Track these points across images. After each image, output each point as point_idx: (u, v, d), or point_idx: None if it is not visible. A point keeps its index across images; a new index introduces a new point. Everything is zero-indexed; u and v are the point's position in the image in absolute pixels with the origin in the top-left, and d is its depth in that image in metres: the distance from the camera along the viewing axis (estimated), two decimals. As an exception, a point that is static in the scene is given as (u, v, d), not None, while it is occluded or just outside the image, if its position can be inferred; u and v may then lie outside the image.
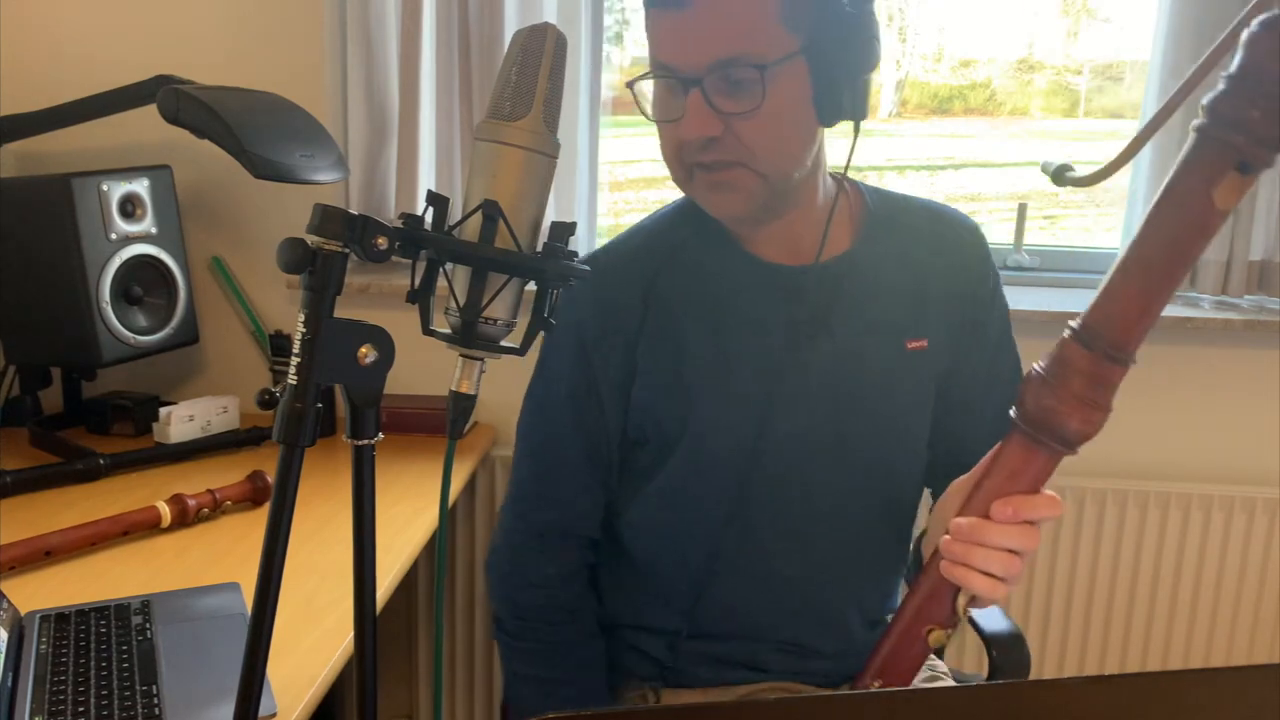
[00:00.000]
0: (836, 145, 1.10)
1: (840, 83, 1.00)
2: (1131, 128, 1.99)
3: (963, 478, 0.93)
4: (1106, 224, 2.29)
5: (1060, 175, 0.84)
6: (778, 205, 1.07)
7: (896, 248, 1.14)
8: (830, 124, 1.04)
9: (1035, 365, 0.85)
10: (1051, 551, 1.98)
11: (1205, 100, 0.77)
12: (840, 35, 0.99)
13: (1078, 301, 1.91)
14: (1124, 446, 1.98)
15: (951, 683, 1.30)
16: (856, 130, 1.06)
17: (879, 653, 0.95)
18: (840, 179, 1.14)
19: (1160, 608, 1.99)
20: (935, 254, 1.14)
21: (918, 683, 1.26)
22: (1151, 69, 1.87)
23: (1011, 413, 0.86)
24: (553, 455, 1.17)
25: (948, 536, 0.88)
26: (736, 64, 0.96)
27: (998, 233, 2.18)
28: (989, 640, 1.35)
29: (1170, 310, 1.89)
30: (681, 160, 1.03)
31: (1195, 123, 0.78)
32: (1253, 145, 0.75)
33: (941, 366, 1.14)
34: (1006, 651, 1.34)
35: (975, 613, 1.32)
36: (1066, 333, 0.83)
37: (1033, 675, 2.04)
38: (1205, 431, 1.97)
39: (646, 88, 1.03)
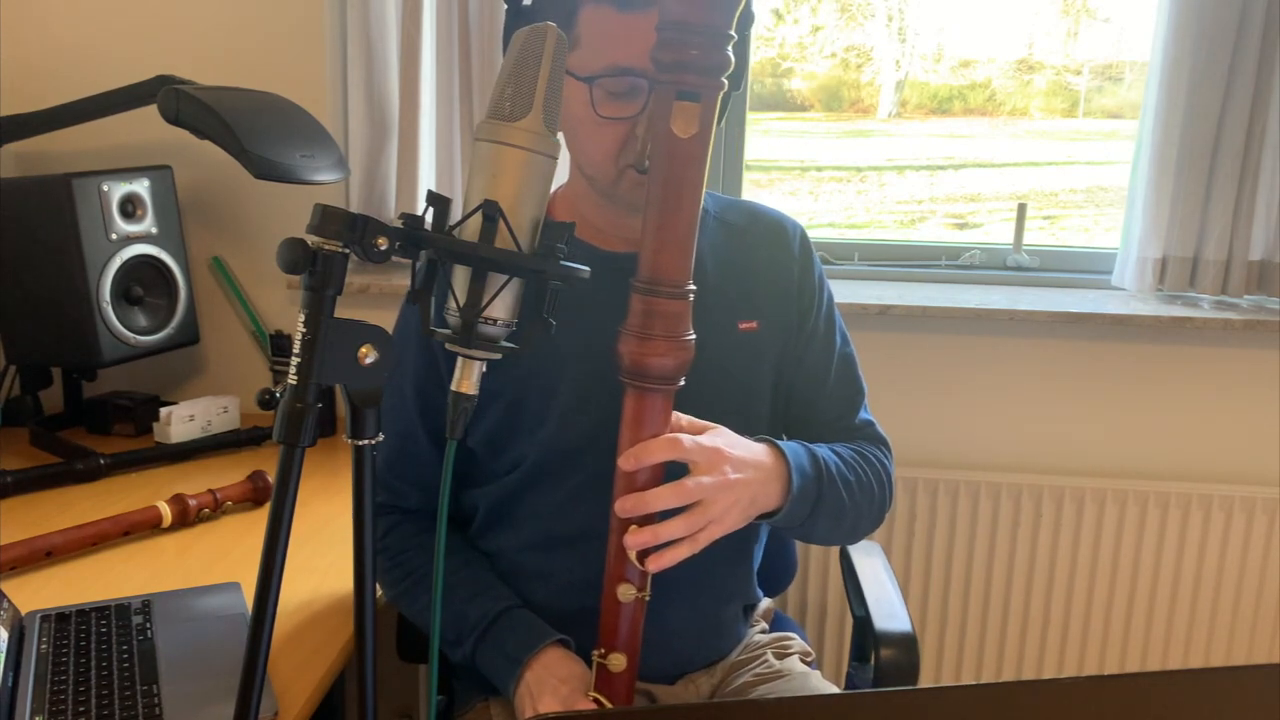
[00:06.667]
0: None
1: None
2: (1131, 128, 1.99)
3: None
4: (1106, 224, 2.29)
5: None
6: None
7: (725, 239, 1.20)
8: None
9: (620, 327, 0.97)
10: (1051, 551, 1.98)
11: (651, 54, 0.90)
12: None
13: (1078, 301, 1.92)
14: (1124, 446, 1.98)
15: (802, 667, 1.27)
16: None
17: (601, 627, 1.02)
18: None
19: (1160, 608, 1.99)
20: (762, 247, 1.21)
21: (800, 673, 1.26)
22: (1151, 69, 1.87)
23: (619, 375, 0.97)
24: (405, 445, 1.21)
25: (628, 535, 0.97)
26: None
27: (998, 233, 2.18)
28: (880, 639, 1.26)
29: (1170, 310, 1.88)
30: (619, 159, 1.06)
31: (648, 79, 0.93)
32: (700, 77, 0.90)
33: (776, 346, 1.20)
34: (897, 653, 1.25)
35: (873, 611, 1.33)
36: (631, 290, 0.96)
37: (1032, 676, 2.04)
38: (1205, 431, 1.97)
39: (604, 86, 1.03)
